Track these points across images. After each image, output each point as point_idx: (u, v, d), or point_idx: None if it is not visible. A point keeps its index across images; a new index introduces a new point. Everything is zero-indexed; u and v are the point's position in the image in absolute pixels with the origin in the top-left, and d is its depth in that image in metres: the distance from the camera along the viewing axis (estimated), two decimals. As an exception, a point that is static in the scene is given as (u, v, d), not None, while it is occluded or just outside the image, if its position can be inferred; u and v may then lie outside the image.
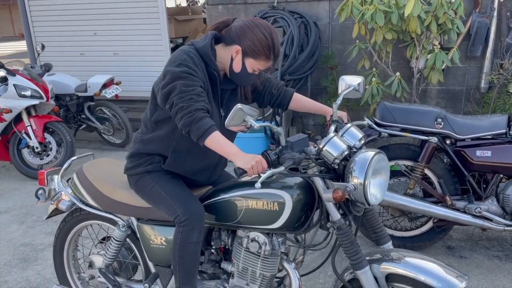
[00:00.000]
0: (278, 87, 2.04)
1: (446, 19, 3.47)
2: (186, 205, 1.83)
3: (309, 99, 2.12)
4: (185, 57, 1.73)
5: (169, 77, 1.70)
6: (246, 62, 1.79)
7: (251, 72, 1.82)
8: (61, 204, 2.19)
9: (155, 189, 1.90)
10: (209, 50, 1.78)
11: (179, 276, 1.87)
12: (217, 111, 1.85)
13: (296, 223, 1.72)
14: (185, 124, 1.63)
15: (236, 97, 1.93)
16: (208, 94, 1.78)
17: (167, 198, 1.86)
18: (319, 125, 5.09)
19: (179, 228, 1.82)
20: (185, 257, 1.85)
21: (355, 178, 1.56)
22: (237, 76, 1.84)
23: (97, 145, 5.65)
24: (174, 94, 1.67)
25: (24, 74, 4.52)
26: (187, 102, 1.64)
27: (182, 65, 1.71)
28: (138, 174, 1.95)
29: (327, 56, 4.67)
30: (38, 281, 2.81)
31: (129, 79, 6.27)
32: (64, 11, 6.56)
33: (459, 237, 3.14)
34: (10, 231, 3.49)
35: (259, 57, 1.77)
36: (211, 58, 1.79)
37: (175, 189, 1.89)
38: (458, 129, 2.66)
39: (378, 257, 1.66)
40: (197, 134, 1.62)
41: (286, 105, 2.07)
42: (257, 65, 1.80)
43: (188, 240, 1.82)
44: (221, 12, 5.00)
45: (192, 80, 1.69)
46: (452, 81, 4.53)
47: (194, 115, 1.62)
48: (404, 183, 2.86)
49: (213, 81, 1.82)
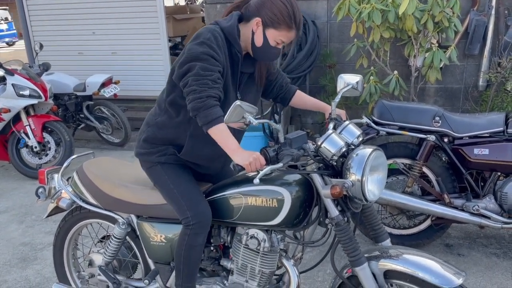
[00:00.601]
0: (286, 82, 2.07)
1: (442, 17, 3.48)
2: (196, 207, 1.83)
3: (309, 97, 2.14)
4: (210, 35, 1.70)
5: (189, 56, 1.68)
6: (267, 34, 1.74)
7: (274, 45, 1.76)
8: (61, 202, 2.19)
9: (167, 184, 1.89)
10: (234, 30, 1.76)
11: (182, 275, 1.89)
12: (234, 93, 1.84)
13: (295, 220, 1.73)
14: (194, 108, 1.64)
15: (253, 81, 1.91)
16: (227, 76, 1.77)
17: (178, 197, 1.86)
18: (317, 123, 5.11)
19: (187, 230, 1.83)
20: (190, 258, 1.87)
21: (352, 174, 1.58)
22: (259, 51, 1.79)
23: (96, 144, 5.65)
24: (191, 74, 1.66)
25: (22, 73, 4.52)
26: (201, 87, 1.63)
27: (204, 44, 1.68)
28: (150, 162, 1.94)
29: (325, 54, 4.68)
30: (38, 280, 2.82)
31: (127, 78, 6.27)
32: (62, 10, 6.55)
33: (457, 235, 3.16)
34: (10, 231, 3.49)
35: (280, 26, 1.72)
36: (236, 38, 1.76)
37: (187, 187, 1.88)
38: (456, 127, 2.67)
39: (376, 254, 1.67)
40: (203, 120, 1.63)
41: (288, 100, 2.09)
42: (279, 36, 1.74)
43: (195, 242, 1.84)
44: (219, 11, 5.01)
45: (211, 64, 1.67)
46: (450, 79, 4.55)
47: (205, 101, 1.62)
48: (402, 181, 2.87)
49: (235, 63, 1.80)
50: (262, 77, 1.94)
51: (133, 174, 2.17)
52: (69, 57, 6.68)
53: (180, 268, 1.89)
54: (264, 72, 1.94)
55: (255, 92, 1.95)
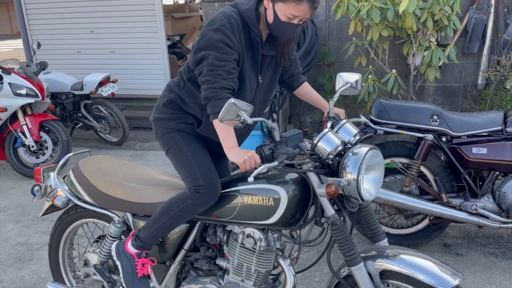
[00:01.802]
0: (298, 72, 2.08)
1: (442, 15, 3.47)
2: (210, 179, 1.80)
3: (314, 92, 2.13)
4: (225, 22, 1.67)
5: (204, 43, 1.67)
6: (276, 9, 1.67)
7: (286, 20, 1.68)
8: (57, 200, 2.18)
9: (183, 150, 1.87)
10: (253, 14, 1.72)
11: (157, 227, 1.87)
12: (255, 77, 1.83)
13: (291, 219, 1.71)
14: (206, 97, 1.65)
15: (275, 64, 1.89)
16: (244, 62, 1.75)
17: (193, 164, 1.83)
18: (316, 122, 5.10)
19: (193, 195, 1.79)
20: (177, 219, 1.85)
21: (348, 173, 1.56)
22: (273, 28, 1.73)
23: (93, 143, 5.63)
24: (205, 63, 1.66)
25: (19, 72, 4.50)
26: (215, 77, 1.64)
27: (219, 30, 1.66)
28: (167, 128, 1.92)
29: (324, 53, 4.67)
30: (33, 280, 2.80)
31: (125, 77, 6.26)
32: (60, 9, 6.53)
33: (455, 235, 3.14)
34: (6, 230, 3.47)
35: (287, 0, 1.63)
36: (254, 22, 1.73)
37: (204, 157, 1.87)
38: (454, 126, 2.66)
39: (373, 253, 1.66)
40: (211, 110, 1.65)
41: (294, 88, 2.11)
42: (288, 10, 1.65)
43: (193, 209, 1.82)
44: (217, 9, 4.98)
45: (226, 53, 1.65)
46: (449, 78, 4.54)
47: (218, 92, 1.63)
48: (400, 180, 2.86)
49: (255, 47, 1.77)
50: (285, 57, 1.90)
51: (129, 172, 2.16)
52: (67, 56, 6.66)
53: (161, 221, 1.85)
54: (286, 52, 1.89)
55: (272, 74, 1.92)
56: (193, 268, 2.03)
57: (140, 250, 1.93)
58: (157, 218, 1.88)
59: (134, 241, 1.94)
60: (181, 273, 2.05)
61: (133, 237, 1.96)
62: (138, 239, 1.93)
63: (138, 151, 5.26)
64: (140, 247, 1.93)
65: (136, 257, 1.94)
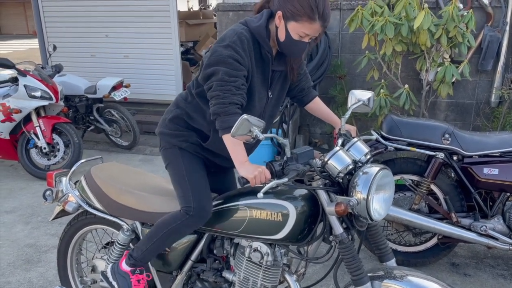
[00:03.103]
0: (308, 86, 2.07)
1: (456, 32, 3.46)
2: (202, 202, 1.84)
3: (325, 107, 2.13)
4: (235, 39, 1.69)
5: (214, 58, 1.68)
6: (289, 27, 1.68)
7: (297, 38, 1.69)
8: (67, 206, 2.20)
9: (181, 169, 1.90)
10: (263, 31, 1.73)
11: (150, 246, 1.92)
12: (265, 92, 1.85)
13: (299, 235, 1.71)
14: (215, 112, 1.66)
15: (284, 79, 1.91)
16: (253, 78, 1.76)
17: (187, 185, 1.86)
18: (326, 134, 5.09)
19: (183, 216, 1.83)
20: (168, 239, 1.91)
21: (358, 192, 1.56)
22: (284, 46, 1.75)
23: (104, 146, 5.69)
24: (215, 79, 1.67)
25: (34, 74, 4.57)
26: (225, 93, 1.65)
27: (229, 47, 1.68)
28: (170, 144, 1.94)
29: (336, 65, 4.68)
30: (41, 283, 2.83)
31: (138, 82, 6.32)
32: (77, 12, 6.63)
33: (464, 254, 3.11)
34: (15, 231, 3.51)
35: (301, 18, 1.64)
36: (265, 39, 1.74)
37: (199, 180, 1.89)
38: (466, 145, 2.64)
39: (380, 274, 1.65)
40: (220, 125, 1.66)
41: (305, 103, 2.10)
42: (301, 29, 1.66)
43: (183, 231, 1.88)
44: (232, 19, 5.03)
45: (236, 69, 1.67)
46: (462, 95, 4.51)
47: (227, 108, 1.64)
48: (409, 198, 2.84)
49: (265, 63, 1.79)
50: (294, 72, 1.92)
51: (140, 181, 2.18)
52: (82, 59, 6.75)
53: (152, 240, 1.92)
54: (295, 68, 1.91)
55: (280, 89, 1.94)
56: (199, 279, 2.03)
57: (134, 267, 1.98)
58: (149, 237, 1.94)
59: (128, 260, 1.99)
60: (188, 284, 2.05)
61: (127, 256, 2.01)
62: (132, 258, 1.98)
63: (148, 156, 5.29)
64: (134, 265, 1.98)
65: (130, 274, 1.99)
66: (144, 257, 1.96)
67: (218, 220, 1.87)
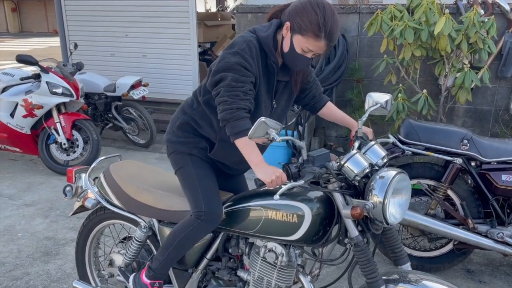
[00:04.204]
0: (319, 92, 2.08)
1: (477, 38, 3.43)
2: (213, 206, 1.86)
3: (339, 110, 2.13)
4: (244, 46, 1.71)
5: (222, 65, 1.70)
6: (294, 40, 1.70)
7: (300, 52, 1.72)
8: (86, 202, 2.25)
9: (192, 174, 1.92)
10: (271, 41, 1.75)
11: (167, 256, 1.96)
12: (269, 102, 1.87)
13: (314, 237, 1.73)
14: (224, 119, 1.67)
15: (289, 89, 1.93)
16: (260, 86, 1.78)
17: (198, 190, 1.89)
18: (341, 137, 5.08)
19: (195, 222, 1.86)
20: (183, 247, 1.94)
21: (374, 196, 1.57)
22: (286, 57, 1.77)
23: (121, 144, 5.77)
24: (223, 85, 1.68)
25: (56, 72, 4.67)
26: (232, 98, 1.66)
27: (238, 54, 1.70)
28: (179, 150, 1.97)
29: (353, 69, 4.67)
30: (59, 275, 2.89)
31: (156, 81, 6.40)
32: (98, 12, 6.74)
33: (479, 261, 3.08)
34: (34, 224, 3.60)
35: (307, 34, 1.66)
36: (271, 49, 1.76)
37: (209, 184, 1.92)
38: (484, 151, 2.62)
39: (395, 277, 1.65)
40: (231, 131, 1.66)
41: (317, 110, 2.10)
42: (305, 44, 1.68)
43: (196, 236, 1.91)
44: (250, 20, 5.06)
45: (244, 75, 1.69)
46: (480, 101, 4.46)
47: (235, 113, 1.65)
48: (425, 202, 2.83)
49: (270, 73, 1.81)
50: (297, 84, 1.94)
51: (157, 179, 2.22)
52: (102, 58, 6.86)
53: (168, 250, 1.95)
54: (299, 80, 1.93)
55: (287, 99, 1.96)
56: (214, 277, 2.06)
57: (154, 280, 2.02)
58: (164, 248, 1.97)
59: (147, 272, 2.03)
60: (203, 281, 2.08)
61: (147, 268, 2.05)
62: (151, 270, 2.02)
63: (164, 154, 5.32)
64: (153, 277, 2.02)
65: (150, 286, 2.02)
66: (162, 267, 2.00)
67: (234, 219, 1.89)
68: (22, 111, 4.56)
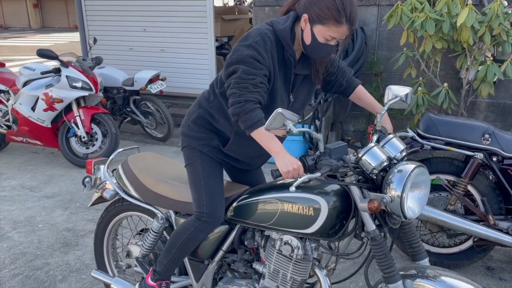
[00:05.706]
0: (347, 79, 2.00)
1: (501, 30, 3.34)
2: (214, 208, 1.90)
3: (368, 95, 2.05)
4: (258, 39, 1.69)
5: (235, 57, 1.69)
6: (314, 30, 1.67)
7: (324, 42, 1.68)
8: (105, 193, 2.28)
9: (199, 172, 1.94)
10: (288, 34, 1.72)
11: (170, 258, 2.00)
12: (286, 96, 1.84)
13: (330, 230, 1.71)
14: (235, 113, 1.65)
15: (309, 83, 1.89)
16: (276, 80, 1.75)
17: (202, 190, 1.91)
18: (359, 131, 5.03)
19: (196, 223, 1.91)
20: (186, 248, 1.97)
21: (392, 190, 1.54)
22: (309, 49, 1.73)
23: (139, 137, 5.83)
24: (234, 77, 1.67)
25: (76, 66, 4.73)
26: (241, 90, 1.63)
27: (251, 47, 1.68)
28: (191, 145, 1.97)
29: (372, 62, 4.61)
30: (78, 266, 2.95)
31: (174, 75, 6.44)
32: (117, 7, 6.81)
33: (500, 258, 3.01)
34: (55, 216, 3.67)
35: (327, 21, 1.63)
36: (288, 42, 1.73)
37: (215, 186, 1.93)
38: (506, 146, 2.55)
39: (412, 272, 1.63)
40: (244, 124, 1.64)
41: (348, 95, 2.04)
42: (327, 32, 1.65)
43: (197, 237, 1.94)
44: (268, 14, 5.04)
45: (255, 67, 1.66)
46: (503, 95, 4.35)
47: (244, 106, 1.62)
48: (445, 198, 2.78)
49: (287, 66, 1.79)
50: (319, 76, 1.90)
51: (175, 171, 2.23)
52: (120, 52, 6.93)
53: (171, 252, 1.99)
54: (321, 71, 1.89)
55: (306, 93, 1.93)
56: (229, 269, 2.07)
57: (160, 281, 2.05)
58: (167, 250, 2.01)
59: (153, 276, 2.07)
60: (218, 273, 2.09)
61: (152, 273, 2.08)
62: (156, 273, 2.05)
63: (181, 148, 5.39)
64: (159, 279, 2.05)
65: (157, 287, 2.05)
66: (167, 270, 2.04)
67: (250, 212, 1.89)
68: (43, 105, 4.64)
